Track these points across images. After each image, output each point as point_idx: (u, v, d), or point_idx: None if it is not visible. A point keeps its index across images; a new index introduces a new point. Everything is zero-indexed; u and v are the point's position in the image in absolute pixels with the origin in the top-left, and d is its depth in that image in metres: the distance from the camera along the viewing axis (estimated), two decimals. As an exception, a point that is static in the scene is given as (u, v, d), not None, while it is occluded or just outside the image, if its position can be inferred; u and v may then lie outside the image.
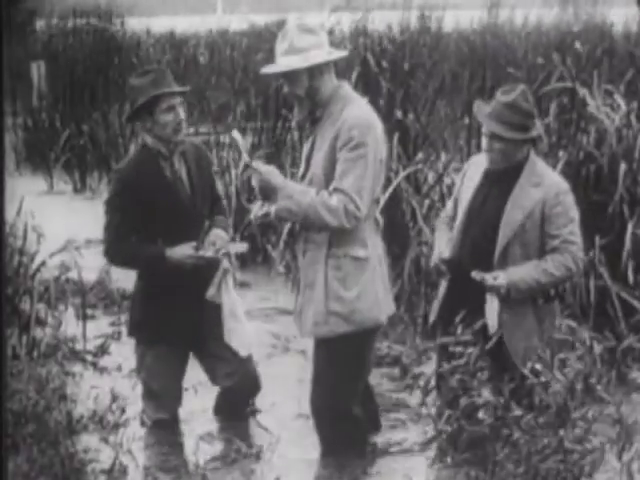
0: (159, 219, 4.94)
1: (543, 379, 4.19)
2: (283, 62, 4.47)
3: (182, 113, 4.90)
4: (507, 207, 4.73)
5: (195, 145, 5.14)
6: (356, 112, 4.44)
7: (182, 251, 4.88)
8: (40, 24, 16.65)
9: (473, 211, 4.83)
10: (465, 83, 11.71)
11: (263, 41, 15.88)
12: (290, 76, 4.47)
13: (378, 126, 4.49)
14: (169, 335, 5.00)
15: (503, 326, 4.69)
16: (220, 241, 4.93)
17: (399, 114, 7.29)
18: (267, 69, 4.56)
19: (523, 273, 4.65)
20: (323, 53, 4.46)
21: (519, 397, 4.29)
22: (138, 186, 4.92)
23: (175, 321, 4.98)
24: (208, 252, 4.89)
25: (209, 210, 5.11)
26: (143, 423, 5.05)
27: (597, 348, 4.33)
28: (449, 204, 5.11)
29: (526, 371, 4.29)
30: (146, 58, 15.34)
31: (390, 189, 6.80)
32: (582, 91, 6.57)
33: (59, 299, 6.19)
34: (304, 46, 4.44)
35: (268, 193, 4.45)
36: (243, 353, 5.01)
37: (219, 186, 5.21)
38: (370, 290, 4.49)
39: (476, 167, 4.94)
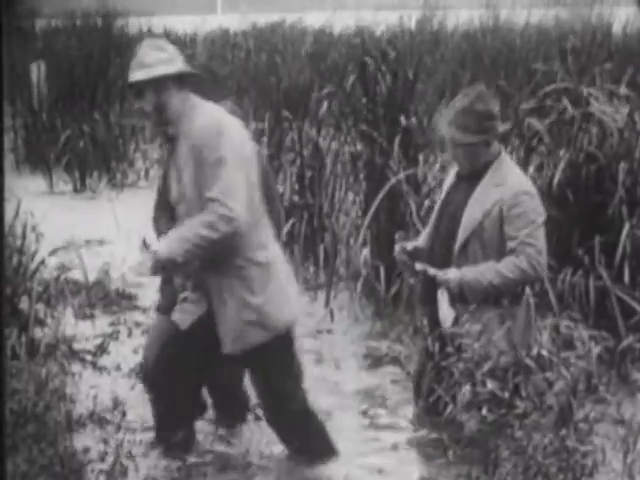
0: (156, 204, 4.94)
1: (548, 374, 4.18)
2: (130, 77, 4.54)
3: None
4: (468, 205, 4.76)
5: None
6: (202, 120, 4.43)
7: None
8: (40, 24, 16.64)
9: (443, 210, 4.90)
10: (465, 83, 11.70)
11: (263, 41, 15.88)
12: (137, 91, 4.52)
13: (231, 126, 4.45)
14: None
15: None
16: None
17: (401, 117, 7.28)
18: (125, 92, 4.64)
19: (477, 273, 4.67)
20: (167, 68, 4.50)
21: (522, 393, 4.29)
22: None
23: (164, 305, 4.92)
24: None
25: None
26: None
27: (595, 348, 4.33)
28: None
29: (530, 362, 4.28)
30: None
31: (385, 189, 6.81)
32: (585, 91, 6.57)
33: (58, 299, 6.18)
34: (150, 62, 4.50)
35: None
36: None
37: None
38: (278, 292, 4.48)
39: (453, 171, 5.01)
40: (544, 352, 4.26)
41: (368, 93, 7.41)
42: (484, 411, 4.27)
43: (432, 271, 4.76)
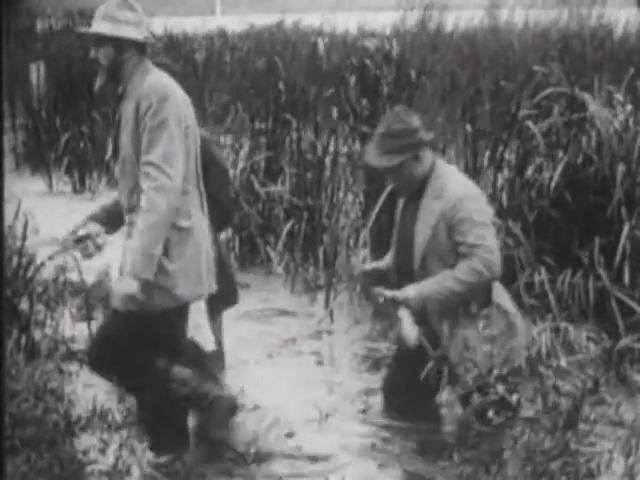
0: None
1: (558, 382, 4.18)
2: (96, 25, 4.51)
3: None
4: (417, 226, 4.83)
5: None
6: (153, 81, 4.40)
7: None
8: (40, 24, 16.64)
9: (398, 232, 5.01)
10: (464, 84, 11.71)
11: (262, 42, 15.89)
12: (99, 42, 4.50)
13: (178, 95, 4.41)
14: None
15: (442, 337, 4.75)
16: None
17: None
18: (80, 29, 4.54)
19: (434, 284, 4.72)
20: (135, 31, 4.47)
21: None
22: None
23: None
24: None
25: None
26: None
27: (593, 349, 4.33)
28: None
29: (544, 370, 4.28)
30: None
31: (387, 191, 6.81)
32: (581, 94, 6.57)
33: (57, 300, 6.18)
34: (120, 18, 4.47)
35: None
36: (209, 348, 4.95)
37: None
38: (193, 264, 4.41)
39: None
40: (563, 363, 4.26)
41: (369, 94, 7.41)
42: (491, 414, 4.27)
43: (388, 293, 4.81)
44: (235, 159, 8.48)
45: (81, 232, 4.69)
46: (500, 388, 4.25)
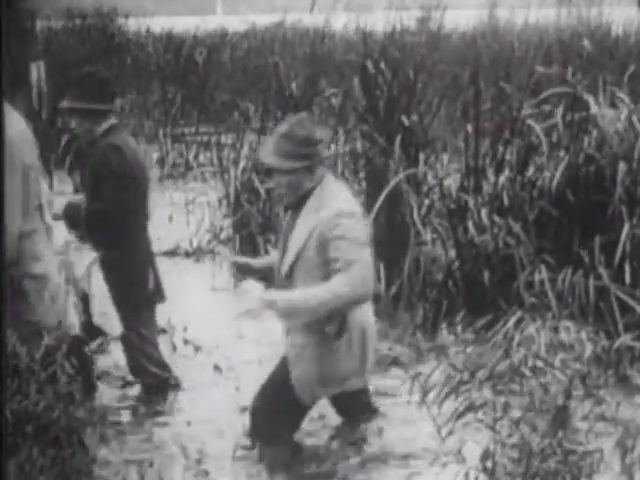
0: None
1: (542, 380, 4.19)
2: None
3: None
4: (293, 234, 4.70)
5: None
6: None
7: None
8: (40, 24, 16.63)
9: (282, 235, 4.85)
10: (464, 84, 11.72)
11: (263, 42, 15.90)
12: None
13: (13, 136, 4.27)
14: None
15: (287, 352, 4.74)
16: None
17: (402, 117, 7.29)
18: None
19: (304, 294, 4.55)
20: None
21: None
22: None
23: None
24: None
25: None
26: None
27: (592, 348, 4.34)
28: None
29: (527, 372, 4.29)
30: (146, 58, 15.36)
31: (387, 190, 6.82)
32: (584, 94, 6.58)
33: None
34: None
35: None
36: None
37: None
38: (54, 312, 4.29)
39: None
40: (540, 363, 4.26)
41: (368, 93, 7.42)
42: (480, 414, 4.28)
43: (257, 293, 4.62)
44: (236, 158, 8.50)
45: None
46: (486, 392, 4.25)
